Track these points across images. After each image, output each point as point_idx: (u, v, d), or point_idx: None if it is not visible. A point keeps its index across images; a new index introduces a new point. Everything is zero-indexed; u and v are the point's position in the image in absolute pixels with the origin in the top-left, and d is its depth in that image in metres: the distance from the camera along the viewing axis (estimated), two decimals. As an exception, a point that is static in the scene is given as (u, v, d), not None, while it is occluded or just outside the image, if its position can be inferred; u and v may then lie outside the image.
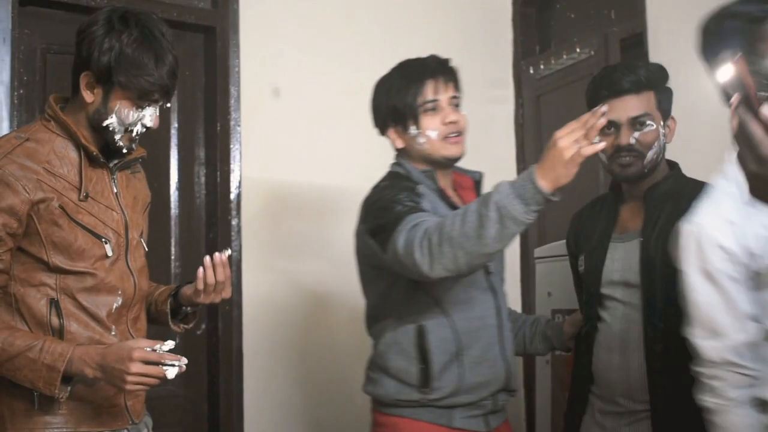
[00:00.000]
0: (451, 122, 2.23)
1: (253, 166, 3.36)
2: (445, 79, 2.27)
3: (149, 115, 1.98)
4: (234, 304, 3.25)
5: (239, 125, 3.35)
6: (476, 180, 2.37)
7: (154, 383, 1.83)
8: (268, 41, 3.43)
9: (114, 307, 1.99)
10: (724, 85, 1.20)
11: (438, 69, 2.28)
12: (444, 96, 2.25)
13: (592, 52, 3.60)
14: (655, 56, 3.17)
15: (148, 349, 1.81)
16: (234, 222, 3.31)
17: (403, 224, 2.01)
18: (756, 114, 1.17)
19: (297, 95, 3.47)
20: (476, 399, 2.19)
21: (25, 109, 3.00)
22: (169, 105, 2.06)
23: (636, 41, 3.33)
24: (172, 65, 1.95)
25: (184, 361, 1.81)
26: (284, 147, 3.44)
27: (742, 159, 1.21)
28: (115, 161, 2.04)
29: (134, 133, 1.98)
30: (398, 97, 2.25)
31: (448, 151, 2.24)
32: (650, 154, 2.22)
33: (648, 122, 2.21)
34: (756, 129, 1.17)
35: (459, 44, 3.75)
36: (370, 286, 2.30)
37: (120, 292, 2.00)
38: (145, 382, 1.81)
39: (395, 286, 2.18)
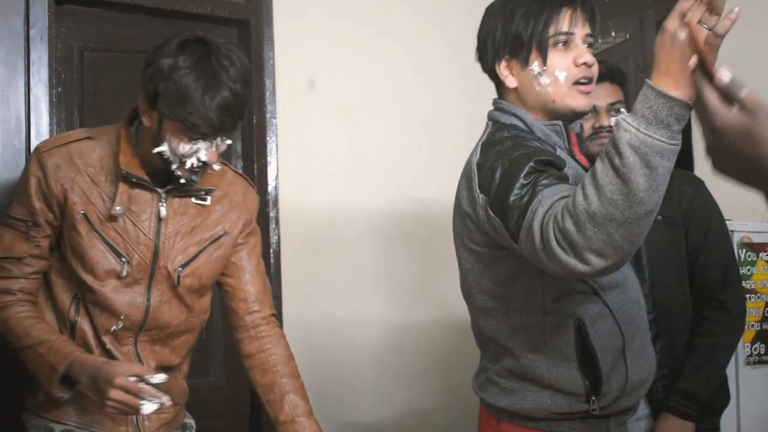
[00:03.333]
0: (585, 64, 1.77)
1: (290, 158, 3.35)
2: (585, 10, 1.80)
3: (204, 149, 1.86)
4: (274, 296, 3.24)
5: (275, 118, 3.34)
6: (577, 132, 1.91)
7: (131, 412, 1.81)
8: (301, 33, 3.42)
9: (112, 329, 1.97)
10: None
11: None
12: (580, 31, 1.78)
13: (628, 36, 3.57)
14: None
15: (134, 378, 1.77)
16: (272, 214, 3.31)
17: (534, 209, 1.54)
18: (711, 81, 1.12)
19: (332, 87, 3.46)
20: (635, 401, 1.85)
21: (63, 107, 3.01)
22: (230, 142, 1.93)
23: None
24: (226, 100, 1.80)
25: (166, 399, 1.78)
26: (320, 139, 3.42)
27: (701, 131, 1.15)
28: (170, 187, 1.97)
29: (191, 165, 1.88)
30: (523, 22, 1.78)
31: (575, 101, 1.78)
32: None
33: (623, 110, 2.25)
34: (710, 97, 1.12)
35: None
36: (485, 270, 1.82)
37: (122, 317, 1.97)
38: (122, 410, 1.79)
39: (529, 269, 1.69)
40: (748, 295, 2.60)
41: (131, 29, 3.14)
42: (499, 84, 1.87)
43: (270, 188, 3.31)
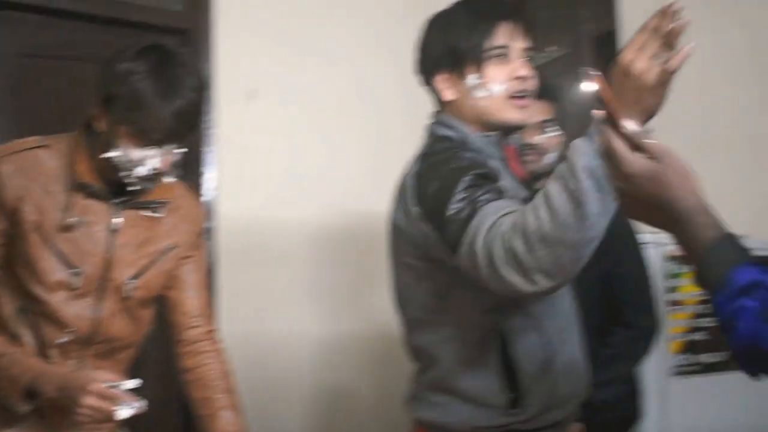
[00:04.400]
0: (520, 77, 1.77)
1: (229, 169, 3.35)
2: (523, 24, 1.81)
3: (157, 156, 1.83)
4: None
5: (214, 128, 3.33)
6: (517, 147, 1.94)
7: (105, 420, 1.76)
8: (243, 43, 3.41)
9: (58, 341, 1.92)
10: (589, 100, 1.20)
11: (514, 12, 1.82)
12: (517, 45, 1.79)
13: (563, 51, 3.63)
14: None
15: (107, 384, 1.74)
16: (209, 225, 3.30)
17: (476, 225, 1.53)
18: (617, 130, 1.18)
19: (273, 97, 3.46)
20: (565, 415, 1.81)
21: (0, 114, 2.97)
22: (184, 150, 1.89)
23: (608, 40, 3.37)
24: (181, 107, 1.77)
25: (141, 403, 1.74)
26: (260, 150, 3.42)
27: (611, 177, 1.21)
28: (124, 198, 1.93)
29: (143, 173, 1.84)
30: (461, 36, 1.78)
31: (511, 114, 1.78)
32: (549, 157, 2.28)
33: (552, 128, 2.27)
34: (618, 146, 1.18)
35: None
36: (418, 283, 1.81)
37: (70, 330, 1.92)
38: (96, 417, 1.75)
39: (457, 282, 1.67)
40: (673, 308, 2.66)
41: (69, 36, 3.11)
42: (437, 97, 1.88)
43: (207, 199, 3.31)
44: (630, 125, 1.18)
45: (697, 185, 1.17)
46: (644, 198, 1.17)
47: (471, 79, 1.78)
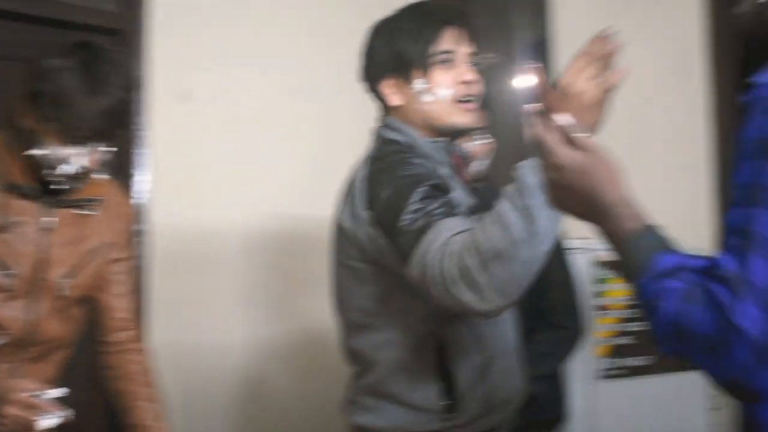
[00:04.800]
0: (466, 82, 1.80)
1: (163, 172, 3.31)
2: (468, 30, 1.84)
3: (83, 154, 1.81)
4: (137, 311, 3.18)
5: (146, 130, 3.30)
6: (462, 155, 1.96)
7: (26, 430, 1.72)
8: (178, 44, 3.38)
9: None
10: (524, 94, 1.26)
11: (459, 17, 1.84)
12: (462, 50, 1.82)
13: (499, 58, 3.67)
14: (559, 62, 3.26)
15: (31, 394, 1.70)
16: (141, 228, 3.26)
17: (429, 240, 1.54)
18: (549, 122, 1.24)
19: (208, 100, 3.42)
20: (502, 420, 1.83)
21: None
22: (113, 149, 1.87)
23: (541, 47, 3.41)
24: (108, 105, 1.76)
25: (66, 412, 1.72)
26: (195, 152, 3.38)
27: (541, 168, 1.27)
28: (56, 197, 1.92)
29: (69, 170, 1.82)
30: (407, 41, 1.80)
31: (458, 118, 1.80)
32: (477, 165, 2.31)
33: (481, 135, 2.30)
34: (550, 138, 1.23)
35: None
36: (360, 287, 1.80)
37: (6, 332, 1.90)
38: (17, 428, 1.71)
39: (400, 287, 1.68)
40: (601, 312, 2.71)
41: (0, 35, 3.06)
42: (383, 103, 1.89)
43: (138, 202, 3.26)
44: (563, 119, 1.23)
45: (623, 180, 1.22)
46: (572, 189, 1.21)
47: (417, 84, 1.80)
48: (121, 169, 3.22)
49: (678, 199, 2.77)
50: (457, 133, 1.85)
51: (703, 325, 1.06)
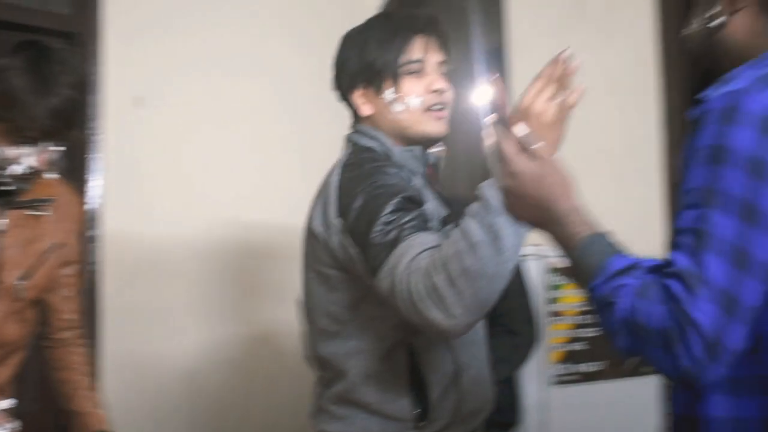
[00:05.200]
0: (436, 91, 1.79)
1: (115, 177, 3.28)
2: (438, 38, 1.83)
3: (32, 155, 1.79)
4: (89, 316, 3.15)
5: (99, 135, 3.27)
6: (432, 163, 1.91)
7: None
8: (132, 48, 3.36)
9: None
10: (483, 104, 1.30)
11: (428, 26, 1.83)
12: (433, 58, 1.81)
13: (456, 66, 3.69)
14: (513, 70, 3.29)
15: None
16: (92, 234, 3.23)
17: (399, 254, 1.55)
18: (509, 132, 1.30)
19: (163, 105, 3.41)
20: (471, 429, 1.82)
21: None
22: (62, 149, 1.86)
23: (496, 54, 3.44)
24: (56, 105, 1.74)
25: (15, 424, 1.73)
26: (149, 158, 3.37)
27: (497, 176, 1.32)
28: (4, 199, 1.89)
29: (17, 171, 1.80)
30: (377, 51, 1.80)
31: (429, 126, 1.79)
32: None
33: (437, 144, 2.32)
34: (508, 146, 1.29)
35: (323, 57, 3.78)
36: (331, 293, 1.79)
37: None
38: None
39: (370, 295, 1.67)
40: (554, 318, 2.73)
41: (-51, 36, 3.01)
42: (355, 112, 1.88)
43: (90, 207, 3.23)
44: (520, 129, 1.29)
45: (575, 189, 1.27)
46: (527, 197, 1.27)
47: (388, 93, 1.80)
48: (74, 173, 3.20)
49: (630, 206, 2.80)
50: (429, 142, 1.83)
51: (656, 319, 1.10)
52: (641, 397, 2.77)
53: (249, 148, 3.59)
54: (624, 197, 2.83)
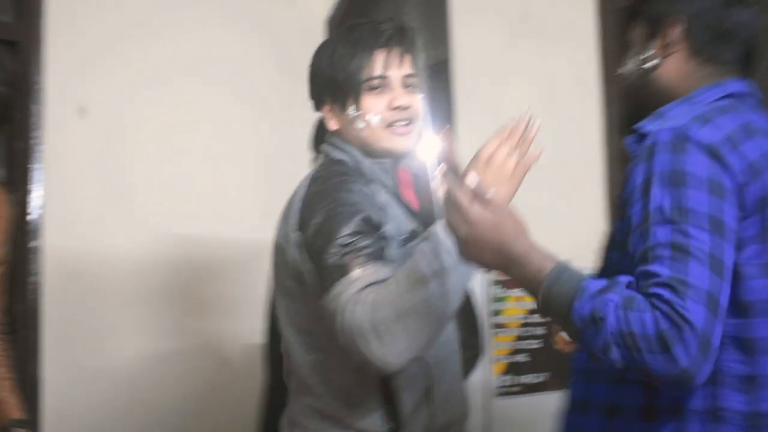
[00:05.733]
0: (399, 107, 1.77)
1: (57, 189, 3.23)
2: (401, 52, 1.80)
3: None
4: (30, 328, 3.13)
5: (40, 145, 3.22)
6: (415, 173, 1.91)
7: None
8: (75, 58, 3.32)
9: None
10: (436, 155, 1.40)
11: (394, 38, 1.80)
12: (396, 73, 1.78)
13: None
14: (458, 83, 3.32)
15: None
16: (33, 245, 3.18)
17: (349, 281, 1.56)
18: (461, 182, 1.38)
19: (106, 115, 3.36)
20: None
21: None
22: None
23: (441, 68, 3.47)
24: None
25: None
26: (92, 170, 3.32)
27: (451, 224, 1.38)
28: None
29: None
30: (339, 67, 1.79)
31: (391, 143, 1.78)
32: None
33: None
34: (462, 196, 1.36)
35: (276, 65, 3.78)
36: (296, 306, 1.78)
37: None
38: None
39: None
40: (498, 330, 2.76)
41: None
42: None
43: (32, 218, 3.18)
44: (472, 178, 1.37)
45: (528, 231, 1.37)
46: (484, 242, 1.35)
47: (350, 110, 1.79)
48: (14, 184, 3.15)
49: (572, 218, 2.85)
50: (396, 157, 1.82)
51: (650, 325, 1.19)
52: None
53: (195, 161, 3.56)
54: (566, 210, 2.87)
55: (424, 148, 1.52)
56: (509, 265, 1.35)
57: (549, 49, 3.05)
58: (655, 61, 1.52)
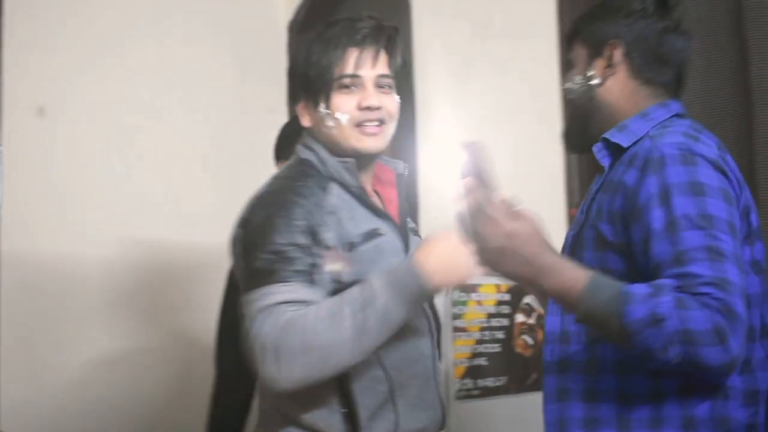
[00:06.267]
0: (368, 107, 1.75)
1: (14, 192, 3.18)
2: (376, 51, 1.77)
3: None
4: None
5: (-2, 146, 3.18)
6: (399, 173, 1.90)
7: None
8: (33, 57, 3.28)
9: None
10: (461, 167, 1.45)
11: (369, 36, 1.77)
12: (369, 72, 1.76)
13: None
14: (419, 88, 3.33)
15: None
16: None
17: (267, 294, 1.59)
18: (490, 197, 1.44)
19: (64, 116, 3.34)
20: None
21: None
22: None
23: (403, 73, 3.48)
24: None
25: None
26: (50, 173, 3.29)
27: (482, 236, 1.44)
28: None
29: None
30: (312, 64, 1.77)
31: (360, 142, 1.77)
32: None
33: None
34: (495, 211, 1.43)
35: (236, 68, 3.78)
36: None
37: None
38: None
39: None
40: (458, 334, 2.78)
41: None
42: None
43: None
44: (502, 195, 1.44)
45: (552, 244, 1.46)
46: (519, 254, 1.42)
47: (321, 108, 1.77)
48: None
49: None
50: (365, 157, 1.80)
51: (705, 321, 1.31)
52: (540, 411, 2.84)
53: (154, 164, 3.54)
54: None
55: (451, 160, 1.50)
56: (540, 276, 1.43)
57: (510, 55, 3.07)
58: (597, 80, 1.65)
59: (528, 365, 2.69)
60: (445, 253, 1.57)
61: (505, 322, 2.84)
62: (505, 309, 2.83)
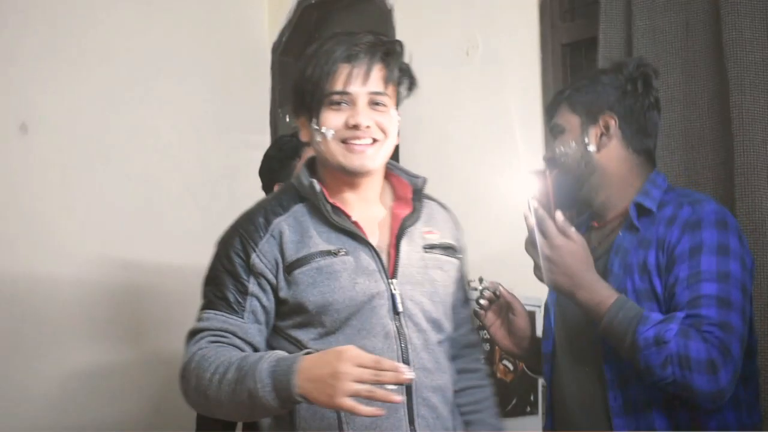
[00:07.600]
0: (355, 126, 1.72)
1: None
2: (368, 67, 1.74)
3: None
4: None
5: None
6: (416, 188, 1.86)
7: None
8: (16, 73, 3.26)
9: None
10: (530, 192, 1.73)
11: (363, 52, 1.74)
12: (360, 90, 1.73)
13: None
14: (402, 113, 3.34)
15: None
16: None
17: (204, 318, 1.72)
18: (550, 216, 1.71)
19: (47, 133, 3.32)
20: None
21: None
22: None
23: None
24: None
25: None
26: (32, 187, 3.27)
27: (534, 246, 1.72)
28: None
29: None
30: (307, 79, 1.75)
31: (346, 159, 1.74)
32: None
33: None
34: (550, 227, 1.70)
35: (219, 89, 3.78)
36: None
37: None
38: None
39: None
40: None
41: None
42: None
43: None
44: (559, 215, 1.71)
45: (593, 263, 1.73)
46: (562, 266, 1.70)
47: (313, 123, 1.76)
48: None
49: (513, 253, 2.88)
50: (352, 174, 1.77)
51: (703, 352, 1.59)
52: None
53: (135, 183, 3.52)
54: (507, 241, 2.90)
55: (522, 184, 1.78)
56: (577, 289, 1.70)
57: (492, 81, 3.09)
58: (594, 147, 1.87)
59: (509, 391, 2.70)
60: (326, 375, 1.48)
61: (485, 347, 2.84)
62: (486, 335, 2.83)
